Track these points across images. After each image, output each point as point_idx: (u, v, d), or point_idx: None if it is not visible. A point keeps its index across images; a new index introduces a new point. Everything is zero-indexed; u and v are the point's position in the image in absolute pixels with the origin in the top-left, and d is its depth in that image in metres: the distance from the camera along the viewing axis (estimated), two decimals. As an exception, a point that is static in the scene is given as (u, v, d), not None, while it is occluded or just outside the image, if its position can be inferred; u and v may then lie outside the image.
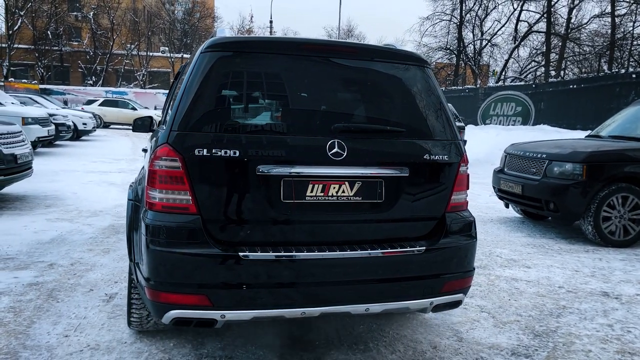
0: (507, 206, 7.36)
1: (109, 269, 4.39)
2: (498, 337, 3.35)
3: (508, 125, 19.31)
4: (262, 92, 2.71)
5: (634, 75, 14.42)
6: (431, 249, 2.64)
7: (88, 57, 46.65)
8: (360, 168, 2.55)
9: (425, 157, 2.67)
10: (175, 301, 2.38)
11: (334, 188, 2.52)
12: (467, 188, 2.90)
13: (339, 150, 2.50)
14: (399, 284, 2.61)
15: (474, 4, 30.79)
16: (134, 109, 28.01)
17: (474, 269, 2.88)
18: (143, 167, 3.18)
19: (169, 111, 3.48)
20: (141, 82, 46.76)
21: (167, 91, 39.68)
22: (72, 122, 17.05)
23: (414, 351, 3.11)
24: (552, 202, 6.05)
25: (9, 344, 2.98)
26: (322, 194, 2.51)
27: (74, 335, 3.13)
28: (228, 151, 2.39)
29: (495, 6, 30.66)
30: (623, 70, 17.02)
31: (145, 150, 4.70)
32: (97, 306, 3.59)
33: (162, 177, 2.42)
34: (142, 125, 4.99)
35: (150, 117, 5.10)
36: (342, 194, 2.54)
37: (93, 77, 46.08)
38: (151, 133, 4.93)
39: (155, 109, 39.10)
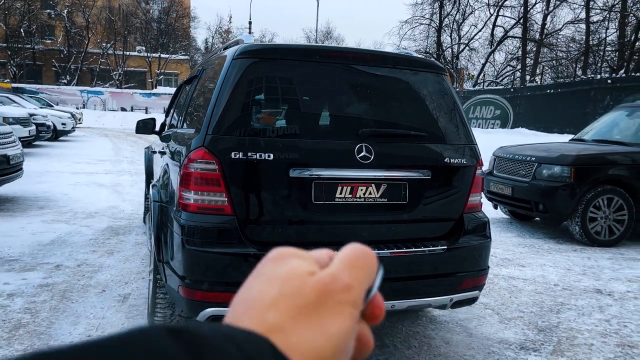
0: (495, 207, 7.58)
1: (117, 270, 4.42)
2: (505, 333, 3.51)
3: (487, 128, 19.74)
4: (293, 98, 2.80)
5: (609, 81, 14.93)
6: (451, 248, 2.78)
7: (62, 56, 45.80)
8: (386, 171, 2.67)
9: (445, 160, 2.81)
10: (211, 299, 2.46)
11: (362, 190, 2.64)
12: (482, 190, 3.05)
13: (366, 154, 2.62)
14: (422, 281, 2.74)
15: (452, 8, 31.33)
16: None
17: (489, 267, 3.03)
18: (165, 169, 3.24)
19: (183, 114, 3.55)
20: (117, 82, 46.13)
21: (144, 91, 38.67)
22: (52, 122, 16.81)
23: (429, 346, 3.24)
24: (542, 204, 6.27)
25: (33, 344, 3.01)
26: (350, 196, 2.62)
27: (96, 335, 3.16)
28: (263, 154, 2.48)
29: (472, 11, 31.24)
30: (599, 76, 17.63)
31: (154, 152, 4.74)
32: (113, 307, 3.62)
33: (197, 179, 2.50)
34: (144, 127, 5.04)
35: (153, 119, 5.15)
36: (369, 196, 2.66)
37: (67, 76, 45.27)
38: (156, 134, 4.98)
39: (132, 110, 38.73)
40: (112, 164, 12.49)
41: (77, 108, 34.21)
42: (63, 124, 18.35)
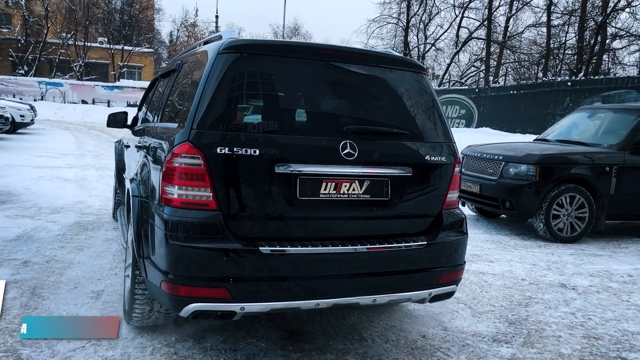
0: (463, 204, 7.74)
1: (88, 266, 4.32)
2: (478, 326, 3.62)
3: (453, 127, 20.12)
4: (278, 94, 2.81)
5: (569, 83, 15.45)
6: (431, 243, 2.85)
7: (19, 46, 44.09)
8: (369, 167, 2.72)
9: (426, 158, 2.87)
10: (195, 294, 2.45)
11: (346, 186, 2.68)
12: (459, 187, 3.13)
13: (350, 151, 2.65)
14: (403, 276, 2.80)
15: (419, 8, 31.77)
16: None
17: (465, 262, 3.12)
18: (144, 163, 3.19)
19: (162, 109, 3.50)
20: (78, 74, 44.77)
21: (106, 84, 37.62)
22: (10, 114, 16.21)
23: (406, 340, 3.31)
24: (508, 201, 6.46)
25: (5, 342, 2.93)
26: (334, 192, 2.65)
27: (71, 332, 3.10)
28: (248, 150, 2.49)
29: (439, 12, 31.80)
30: (559, 79, 18.23)
31: (127, 146, 4.65)
32: (86, 303, 3.55)
33: (181, 174, 2.48)
34: (114, 120, 4.95)
35: (125, 113, 5.06)
36: (353, 192, 2.70)
37: (25, 67, 43.64)
38: (128, 128, 4.89)
39: (94, 102, 37.67)
40: (75, 158, 12.15)
41: (35, 100, 33.04)
42: (22, 116, 17.70)
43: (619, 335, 3.57)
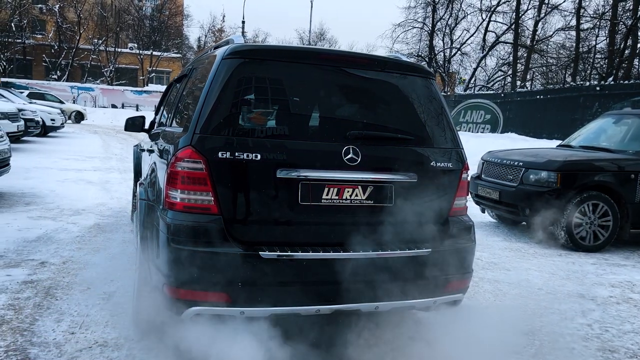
0: (483, 211, 7.63)
1: (103, 267, 4.40)
2: (488, 335, 3.53)
3: (477, 132, 19.88)
4: (281, 98, 2.81)
5: (598, 88, 15.09)
6: (436, 251, 2.80)
7: (53, 51, 45.42)
8: (373, 173, 2.69)
9: (432, 164, 2.83)
10: (196, 298, 2.46)
11: (348, 192, 2.66)
12: (467, 194, 3.08)
13: (353, 156, 2.63)
14: (407, 283, 2.75)
15: (445, 12, 31.51)
16: None
17: (473, 270, 3.07)
18: (153, 167, 3.23)
19: (173, 113, 3.54)
20: (108, 79, 45.81)
21: (135, 88, 38.37)
22: (41, 118, 16.66)
23: (412, 347, 3.26)
24: (528, 208, 6.33)
25: (16, 340, 2.99)
26: (337, 197, 2.64)
27: (80, 332, 3.15)
28: (250, 154, 2.50)
29: (465, 16, 31.46)
30: (588, 83, 17.84)
31: (143, 150, 4.73)
32: (97, 304, 3.60)
33: (184, 178, 2.50)
34: (132, 124, 5.03)
35: (143, 117, 5.14)
36: (356, 198, 2.68)
37: (57, 72, 44.90)
38: (145, 132, 4.97)
39: (123, 107, 38.46)
40: (101, 161, 12.41)
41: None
42: (52, 119, 18.21)
43: (635, 349, 3.45)
